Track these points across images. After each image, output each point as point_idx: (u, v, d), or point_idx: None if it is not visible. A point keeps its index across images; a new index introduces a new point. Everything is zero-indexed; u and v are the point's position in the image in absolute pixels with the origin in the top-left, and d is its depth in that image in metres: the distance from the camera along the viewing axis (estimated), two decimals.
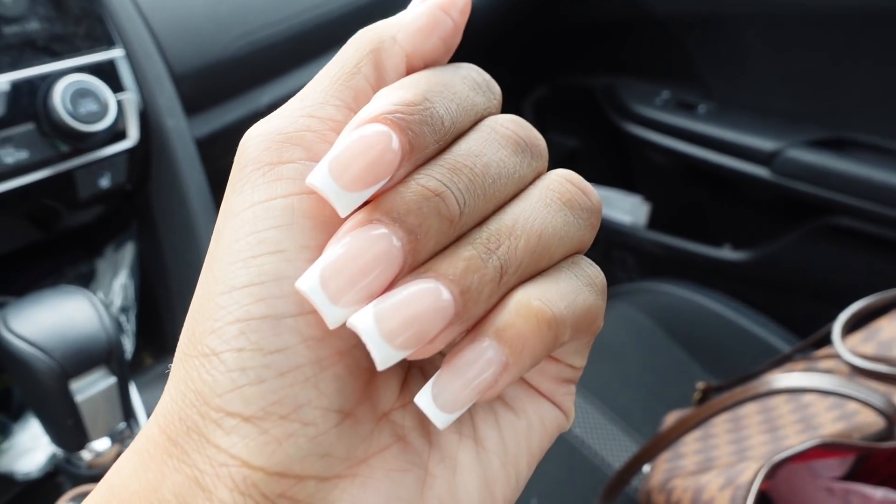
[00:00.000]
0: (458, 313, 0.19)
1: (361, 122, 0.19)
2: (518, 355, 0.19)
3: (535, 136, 0.23)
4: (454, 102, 0.21)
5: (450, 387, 0.19)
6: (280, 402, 0.18)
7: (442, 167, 0.20)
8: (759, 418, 0.81)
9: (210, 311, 0.19)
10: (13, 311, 0.53)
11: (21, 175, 0.58)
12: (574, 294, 0.21)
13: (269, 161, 0.20)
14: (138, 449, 0.20)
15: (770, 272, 1.16)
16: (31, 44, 0.59)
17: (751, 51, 1.14)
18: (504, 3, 1.09)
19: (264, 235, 0.19)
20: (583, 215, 0.22)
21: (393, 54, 0.22)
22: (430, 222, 0.19)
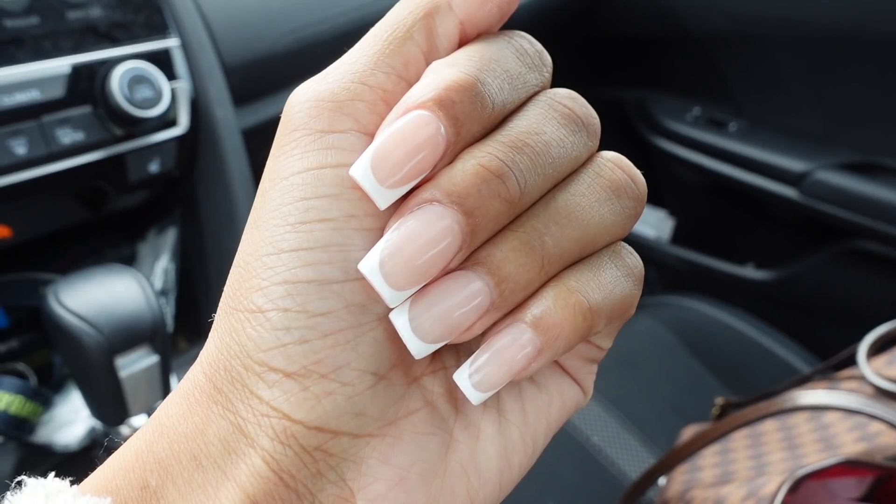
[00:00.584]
0: (494, 304, 0.20)
1: (409, 106, 0.19)
2: (552, 343, 0.20)
3: (591, 114, 0.22)
4: (506, 82, 0.21)
5: (485, 367, 0.20)
6: (321, 361, 0.19)
7: (503, 144, 0.20)
8: (778, 435, 0.81)
9: (257, 270, 0.20)
10: (64, 286, 0.54)
11: (76, 155, 0.60)
12: (612, 285, 0.21)
13: (321, 128, 0.20)
14: (184, 393, 0.21)
15: (793, 292, 1.17)
16: (93, 29, 0.61)
17: (784, 72, 1.14)
18: (540, 14, 1.11)
19: (313, 203, 0.20)
20: (629, 204, 0.22)
21: (447, 21, 0.21)
22: (489, 204, 0.19)
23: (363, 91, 0.20)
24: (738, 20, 1.14)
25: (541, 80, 0.22)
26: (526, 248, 0.20)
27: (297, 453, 0.19)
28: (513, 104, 0.21)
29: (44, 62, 0.58)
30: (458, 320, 0.20)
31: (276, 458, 0.19)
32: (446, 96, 0.19)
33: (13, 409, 0.60)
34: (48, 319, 0.53)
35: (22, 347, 0.73)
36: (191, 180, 0.71)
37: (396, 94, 0.21)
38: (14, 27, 0.57)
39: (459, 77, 0.19)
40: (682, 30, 1.21)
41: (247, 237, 0.21)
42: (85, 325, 0.52)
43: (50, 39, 0.59)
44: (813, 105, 1.14)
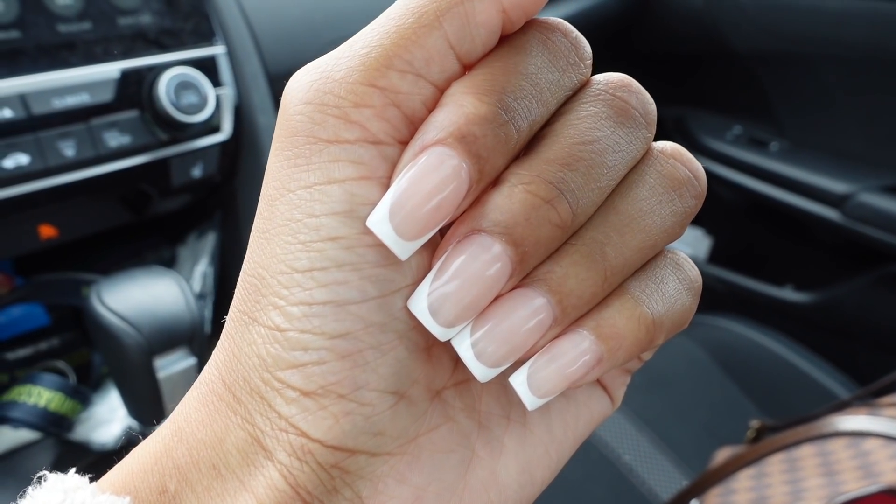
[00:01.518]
0: (557, 320, 0.19)
1: (425, 143, 0.18)
2: (613, 353, 0.19)
3: (647, 101, 0.21)
4: (535, 99, 0.19)
5: (543, 371, 0.20)
6: (340, 382, 0.19)
7: (552, 163, 0.18)
8: (815, 461, 0.79)
9: (273, 287, 0.19)
10: (106, 286, 0.55)
11: (122, 158, 0.61)
12: (675, 298, 0.20)
13: (326, 138, 0.18)
14: (203, 398, 0.20)
15: (832, 316, 1.14)
16: (143, 36, 0.62)
17: (828, 92, 1.13)
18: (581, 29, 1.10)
19: (322, 221, 0.18)
20: (690, 203, 0.21)
21: (487, 7, 0.18)
22: (539, 232, 0.18)
23: (372, 95, 0.18)
24: (783, 39, 1.13)
25: (579, 78, 0.20)
26: (587, 262, 0.19)
27: (313, 470, 0.19)
28: (544, 119, 0.19)
29: (94, 66, 0.59)
30: (522, 340, 0.19)
31: (294, 473, 0.19)
32: (467, 131, 0.18)
33: (53, 406, 0.61)
34: (90, 318, 0.54)
35: (62, 346, 0.74)
36: (232, 186, 0.72)
37: (411, 97, 0.18)
38: (67, 32, 0.58)
39: (480, 107, 0.18)
40: (724, 47, 1.20)
41: (257, 247, 0.20)
42: (125, 326, 0.53)
43: (101, 44, 0.60)
44: (857, 126, 1.12)
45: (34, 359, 0.72)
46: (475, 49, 0.19)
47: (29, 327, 0.74)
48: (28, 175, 0.56)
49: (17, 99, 0.55)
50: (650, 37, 1.30)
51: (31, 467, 0.64)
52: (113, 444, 0.64)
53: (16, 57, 0.56)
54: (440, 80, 0.19)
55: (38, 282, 0.70)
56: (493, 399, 0.23)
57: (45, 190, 0.57)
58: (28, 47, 0.56)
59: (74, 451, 0.65)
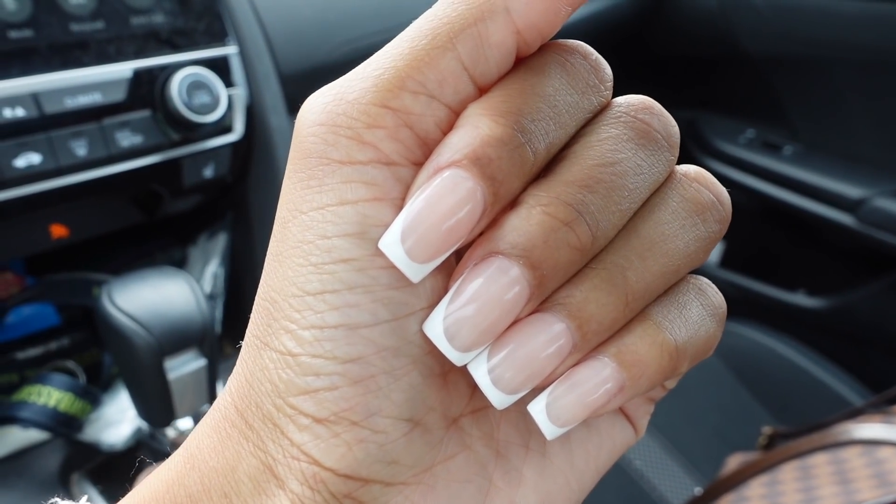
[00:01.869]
0: (576, 346, 0.19)
1: (439, 165, 0.18)
2: (635, 381, 0.19)
3: (670, 124, 0.20)
4: (553, 121, 0.18)
5: (563, 400, 0.19)
6: (352, 409, 0.18)
7: (572, 185, 0.18)
8: (829, 469, 0.79)
9: (285, 311, 0.19)
10: (117, 286, 0.55)
11: (134, 158, 0.61)
12: (699, 325, 0.20)
13: (339, 159, 0.18)
14: (215, 425, 0.20)
15: (845, 322, 1.13)
16: (155, 35, 0.62)
17: (842, 95, 1.12)
18: (592, 34, 1.10)
19: (334, 243, 0.18)
20: (714, 228, 0.20)
21: (501, 29, 0.18)
22: (558, 255, 0.18)
23: (384, 116, 0.18)
24: (797, 42, 1.12)
25: (599, 101, 0.20)
26: (608, 287, 0.18)
27: (325, 499, 0.19)
28: (562, 141, 0.19)
29: (107, 66, 0.59)
30: (540, 366, 0.18)
31: (305, 502, 0.19)
32: (483, 153, 0.17)
33: (62, 407, 0.61)
34: (100, 318, 0.54)
35: (73, 346, 0.74)
36: (243, 186, 0.72)
37: (424, 119, 0.18)
38: (80, 31, 0.58)
39: (496, 129, 0.17)
40: (737, 50, 1.19)
41: (270, 270, 0.19)
42: (136, 326, 0.53)
43: (114, 44, 0.60)
44: (872, 130, 1.11)
45: (44, 359, 0.72)
46: (490, 71, 0.18)
47: (39, 327, 0.74)
48: (40, 174, 0.56)
49: (30, 98, 0.55)
50: (663, 39, 1.29)
51: (40, 468, 0.64)
52: (122, 446, 0.63)
53: (28, 56, 0.55)
54: (454, 102, 0.18)
55: (48, 281, 0.70)
56: (511, 427, 0.23)
57: (57, 189, 0.57)
58: (41, 46, 0.56)
59: (84, 451, 0.65)
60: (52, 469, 0.64)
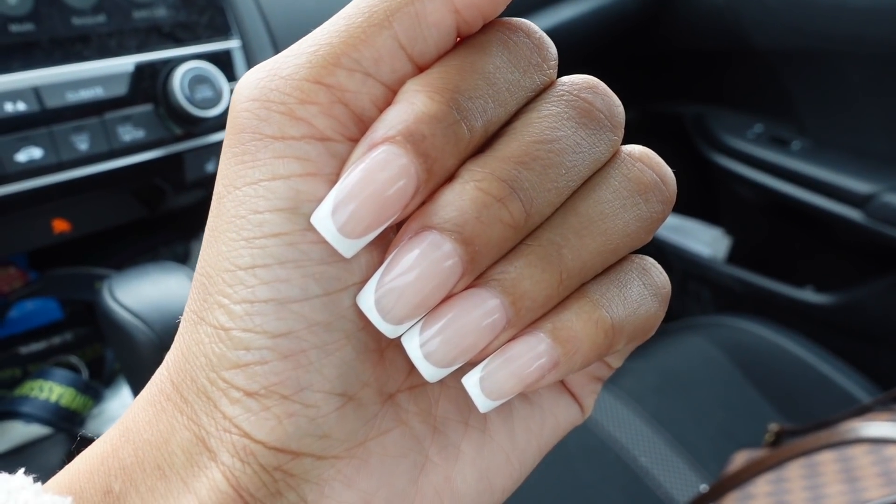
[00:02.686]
0: (510, 322, 0.19)
1: (373, 141, 0.18)
2: (569, 357, 0.19)
3: (614, 104, 0.20)
4: (492, 98, 0.18)
5: (498, 374, 0.19)
6: (282, 383, 0.18)
7: (507, 160, 0.18)
8: (836, 467, 0.78)
9: (218, 286, 0.19)
10: (118, 281, 0.55)
11: (136, 153, 0.60)
12: (638, 303, 0.20)
13: (271, 134, 0.18)
14: (151, 398, 0.20)
15: (853, 318, 1.12)
16: (157, 29, 0.61)
17: (852, 90, 1.11)
18: (599, 27, 1.09)
19: (266, 217, 0.18)
20: (657, 208, 0.20)
21: (439, 7, 0.18)
22: (491, 231, 0.18)
23: (318, 92, 0.18)
24: (806, 36, 1.11)
25: (542, 80, 0.20)
26: (542, 263, 0.18)
27: (256, 472, 0.19)
28: (502, 119, 0.19)
29: (108, 60, 0.59)
30: (473, 341, 0.18)
31: (236, 474, 0.19)
32: (416, 129, 0.17)
33: (64, 402, 0.61)
34: (101, 314, 0.54)
35: (75, 341, 0.74)
36: None
37: (359, 96, 0.18)
38: (81, 25, 0.58)
39: (431, 106, 0.17)
40: (746, 45, 1.18)
41: (207, 245, 0.19)
42: (137, 321, 0.53)
43: (115, 38, 0.59)
44: (881, 125, 1.10)
45: (47, 353, 0.72)
46: (428, 50, 0.18)
47: (42, 322, 0.74)
48: (41, 169, 0.56)
49: (31, 92, 0.54)
50: (670, 33, 1.28)
51: (41, 463, 0.64)
52: None
53: (30, 50, 0.55)
54: (391, 80, 0.18)
55: (51, 276, 0.70)
56: (450, 403, 0.22)
57: (59, 184, 0.57)
58: (42, 40, 0.56)
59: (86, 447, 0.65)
60: (53, 464, 0.64)
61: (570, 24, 1.01)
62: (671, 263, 1.39)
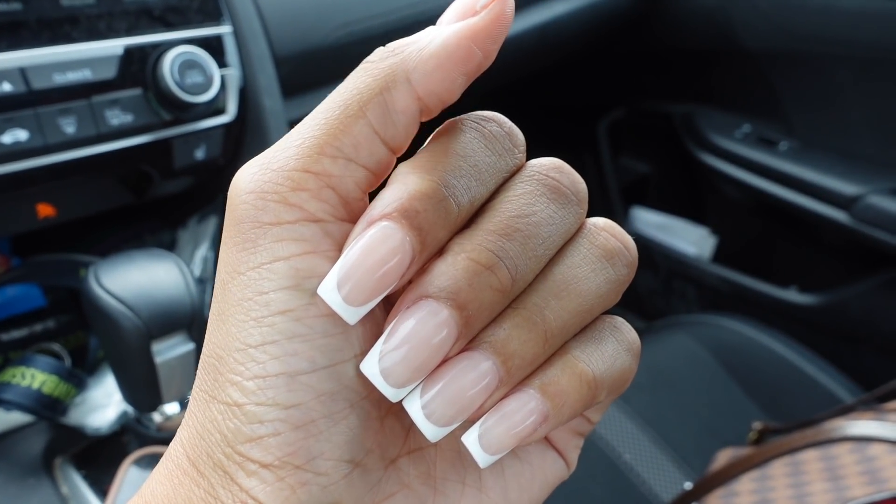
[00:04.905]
0: (502, 380, 0.20)
1: (372, 218, 0.19)
2: (558, 409, 0.21)
3: (578, 182, 0.22)
4: (474, 178, 0.21)
5: (495, 430, 0.21)
6: (295, 453, 0.20)
7: (492, 233, 0.20)
8: (819, 465, 0.78)
9: (230, 364, 0.20)
10: (104, 267, 0.54)
11: (124, 138, 0.59)
12: (614, 358, 0.22)
13: (268, 221, 0.20)
14: (169, 473, 0.21)
15: (837, 319, 1.13)
16: (148, 12, 0.60)
17: (840, 92, 1.11)
18: (590, 26, 1.09)
19: (271, 297, 0.20)
20: (623, 271, 0.22)
21: (404, 96, 0.20)
22: (482, 296, 0.20)
23: (307, 180, 0.20)
24: (795, 38, 1.11)
25: (514, 162, 0.22)
26: (528, 325, 0.20)
27: None
28: (483, 197, 0.21)
29: (97, 42, 0.58)
30: (470, 400, 0.20)
31: None
32: (410, 206, 0.19)
33: (46, 389, 0.60)
34: (87, 300, 0.53)
35: (58, 328, 0.73)
36: (235, 169, 0.70)
37: (344, 179, 0.20)
38: (70, 6, 0.57)
39: (422, 185, 0.20)
40: (735, 45, 1.19)
41: (214, 329, 0.21)
42: (123, 308, 0.52)
43: (104, 20, 0.58)
44: (868, 127, 1.11)
45: (29, 340, 0.71)
46: (398, 134, 0.21)
47: (24, 308, 0.72)
48: (26, 151, 0.55)
49: (17, 72, 0.53)
50: (661, 32, 1.28)
51: (23, 451, 0.63)
52: (107, 430, 0.62)
53: (17, 30, 0.54)
54: (370, 163, 0.20)
55: (34, 262, 0.69)
56: (448, 465, 0.24)
57: (44, 167, 0.56)
58: (29, 20, 0.55)
59: (68, 435, 0.64)
60: (35, 453, 0.63)
61: (562, 20, 1.01)
62: (657, 262, 1.39)
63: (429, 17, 0.81)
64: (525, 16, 0.97)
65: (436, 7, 0.82)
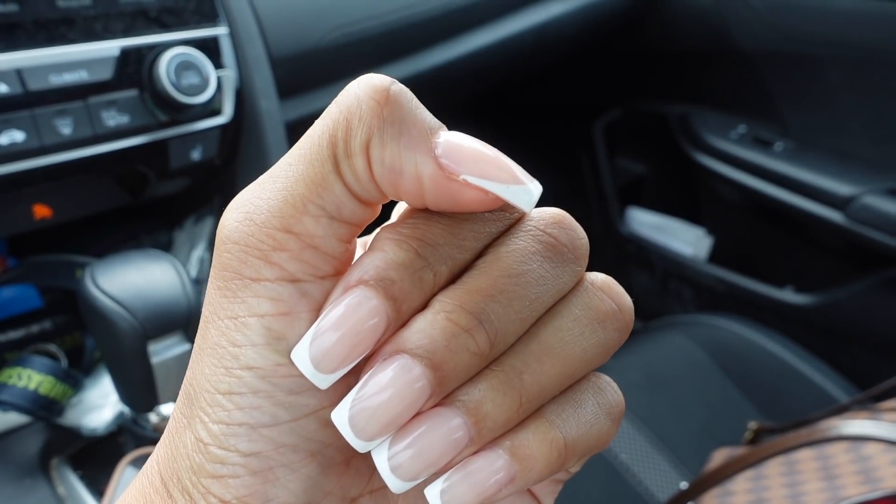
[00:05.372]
0: (472, 440, 0.20)
1: (348, 284, 0.20)
2: (526, 473, 0.20)
3: (577, 238, 0.22)
4: (455, 246, 0.20)
5: (458, 487, 0.20)
6: (252, 495, 0.21)
7: (475, 293, 0.20)
8: (815, 465, 0.79)
9: (200, 403, 0.21)
10: (101, 268, 0.54)
11: (120, 139, 0.59)
12: (591, 423, 0.21)
13: (250, 276, 0.20)
14: (143, 489, 0.22)
15: (833, 319, 1.14)
16: (144, 14, 0.61)
17: (835, 93, 1.12)
18: (586, 27, 1.09)
19: (242, 351, 0.20)
20: (614, 336, 0.22)
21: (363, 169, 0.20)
22: (458, 358, 0.19)
23: (288, 241, 0.20)
24: (791, 39, 1.12)
25: (504, 224, 0.22)
26: (504, 388, 0.20)
27: None
28: (466, 261, 0.21)
29: (93, 44, 0.58)
30: (437, 456, 0.20)
31: None
32: (385, 275, 0.19)
33: (42, 390, 0.60)
34: (83, 301, 0.53)
35: (54, 329, 0.73)
36: (231, 170, 0.71)
37: (327, 239, 0.20)
38: (66, 7, 0.57)
39: (399, 253, 0.20)
40: (731, 46, 1.19)
41: (195, 360, 0.21)
42: (120, 309, 0.52)
43: (101, 21, 0.59)
44: (863, 128, 1.11)
45: (25, 341, 0.71)
46: (375, 196, 0.20)
47: (21, 309, 0.72)
48: (23, 152, 0.55)
49: (14, 74, 0.53)
50: (657, 33, 1.29)
51: (19, 452, 0.63)
52: (103, 430, 0.62)
53: (13, 31, 0.54)
54: (353, 219, 0.20)
55: (31, 263, 0.69)
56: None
57: (40, 168, 0.56)
58: (26, 21, 0.55)
59: (64, 435, 0.64)
60: (31, 453, 0.63)
61: (559, 21, 1.01)
62: (653, 262, 1.39)
63: (424, 19, 0.81)
64: (522, 16, 0.97)
65: (431, 9, 0.82)
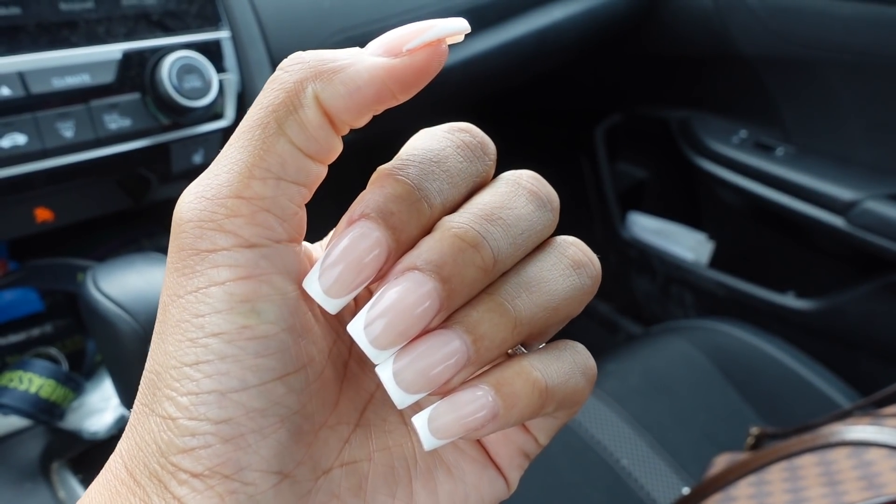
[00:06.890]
0: (471, 360, 0.21)
1: (351, 218, 0.21)
2: (509, 410, 0.22)
3: (552, 192, 0.24)
4: (446, 182, 0.22)
5: (444, 417, 0.22)
6: (224, 464, 0.21)
7: (478, 216, 0.22)
8: (817, 470, 0.79)
9: (166, 381, 0.21)
10: (102, 271, 0.54)
11: (122, 142, 0.59)
12: (569, 375, 0.23)
13: (205, 248, 0.21)
14: (107, 484, 0.23)
15: (834, 324, 1.14)
16: (146, 17, 0.61)
17: (837, 98, 1.12)
18: (588, 31, 1.10)
19: (206, 320, 0.21)
20: (587, 282, 0.24)
21: (316, 115, 0.21)
22: (465, 272, 0.21)
23: (240, 206, 0.21)
24: (792, 43, 1.12)
25: (484, 168, 0.24)
26: (500, 310, 0.22)
27: None
28: (456, 199, 0.23)
29: (96, 47, 0.58)
30: (439, 375, 0.21)
31: None
32: (385, 207, 0.21)
33: (43, 393, 0.60)
34: (84, 304, 0.53)
35: (55, 332, 0.73)
36: None
37: (277, 199, 0.21)
38: (69, 10, 0.57)
39: (397, 187, 0.21)
40: (732, 51, 1.19)
41: (154, 347, 0.22)
42: (121, 312, 0.52)
43: (103, 25, 0.59)
44: (864, 133, 1.11)
45: (26, 345, 0.71)
46: (321, 148, 0.22)
47: (22, 313, 0.72)
48: (25, 156, 0.55)
49: (16, 77, 0.53)
50: (658, 38, 1.29)
51: (20, 455, 0.63)
52: (105, 434, 0.62)
53: (15, 34, 0.54)
54: (300, 178, 0.22)
55: (32, 266, 0.69)
56: (380, 479, 0.25)
57: (42, 172, 0.56)
58: (28, 25, 0.55)
59: (65, 439, 0.64)
60: (32, 457, 0.63)
61: (560, 25, 1.01)
62: (654, 267, 1.39)
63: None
64: (523, 21, 0.97)
65: (432, 13, 0.82)
